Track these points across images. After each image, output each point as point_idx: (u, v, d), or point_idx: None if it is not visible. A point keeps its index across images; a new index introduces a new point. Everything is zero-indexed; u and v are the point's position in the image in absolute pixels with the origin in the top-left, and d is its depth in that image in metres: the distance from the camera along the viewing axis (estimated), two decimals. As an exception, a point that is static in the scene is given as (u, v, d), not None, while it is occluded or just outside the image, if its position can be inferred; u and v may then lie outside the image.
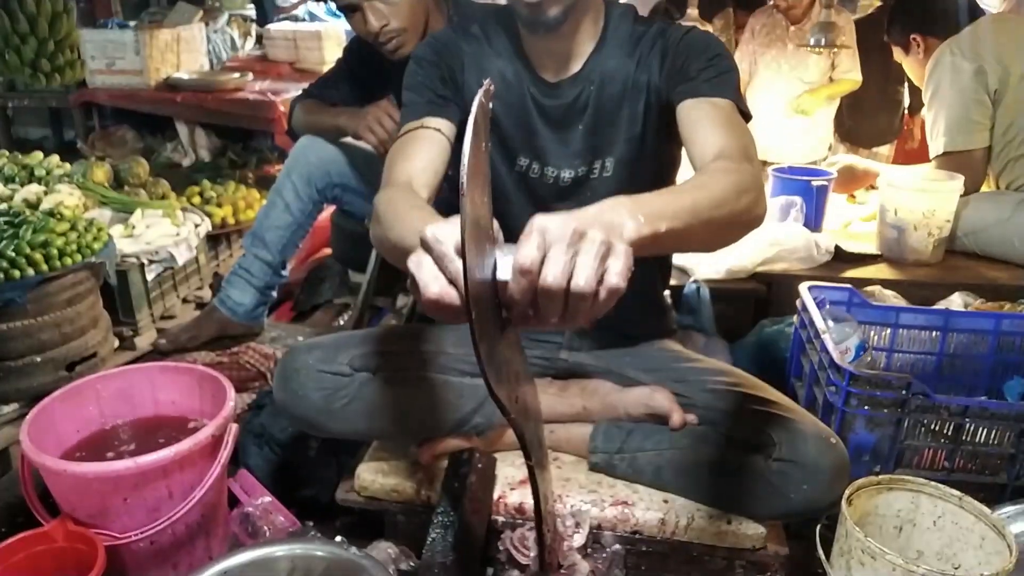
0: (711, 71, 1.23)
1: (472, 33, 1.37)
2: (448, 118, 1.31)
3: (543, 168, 1.36)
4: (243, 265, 2.15)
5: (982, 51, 2.18)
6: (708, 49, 1.26)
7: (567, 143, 1.35)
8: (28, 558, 1.19)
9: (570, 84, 1.32)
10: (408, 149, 1.26)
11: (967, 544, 1.22)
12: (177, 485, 1.23)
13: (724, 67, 1.25)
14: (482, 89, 0.89)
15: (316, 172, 2.06)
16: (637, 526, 1.31)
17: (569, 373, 1.49)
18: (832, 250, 2.16)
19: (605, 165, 1.35)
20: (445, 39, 1.38)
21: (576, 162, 1.35)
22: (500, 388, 0.81)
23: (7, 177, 2.62)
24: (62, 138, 4.40)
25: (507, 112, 1.34)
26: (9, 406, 1.80)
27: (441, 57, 1.35)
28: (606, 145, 1.34)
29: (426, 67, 1.35)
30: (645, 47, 1.31)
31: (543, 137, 1.35)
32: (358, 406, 1.33)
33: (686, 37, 1.28)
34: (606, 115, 1.33)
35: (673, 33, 1.30)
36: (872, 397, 1.41)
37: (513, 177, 1.38)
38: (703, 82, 1.22)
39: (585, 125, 1.34)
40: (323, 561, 1.14)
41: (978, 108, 2.19)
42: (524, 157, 1.37)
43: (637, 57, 1.31)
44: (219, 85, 3.74)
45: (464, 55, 1.35)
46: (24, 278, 1.75)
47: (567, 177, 1.36)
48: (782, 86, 3.63)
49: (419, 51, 1.38)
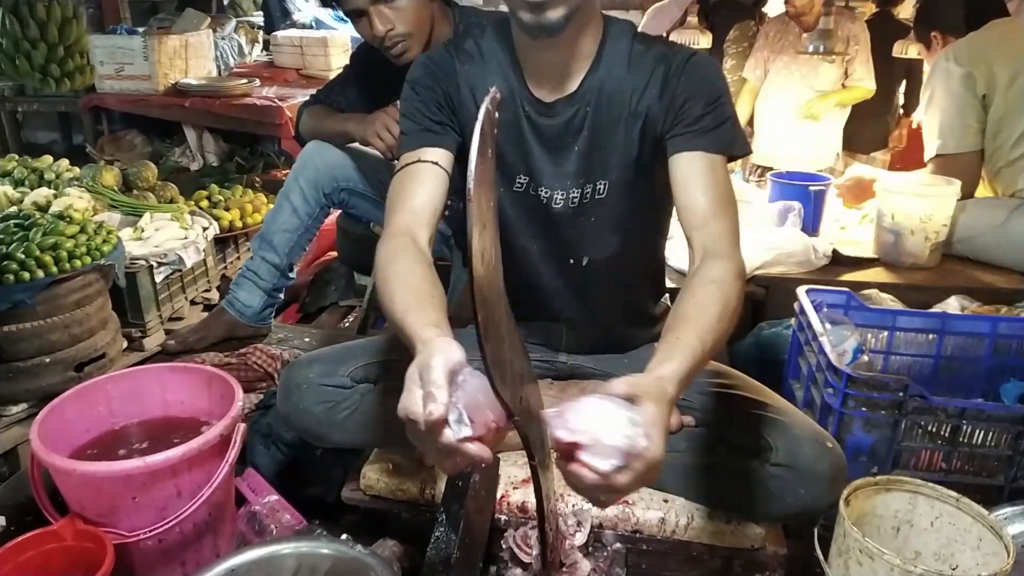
0: (710, 119, 1.23)
1: (467, 50, 1.35)
2: (444, 147, 1.32)
3: (538, 188, 1.35)
4: (251, 267, 2.17)
5: (974, 56, 2.20)
6: (710, 90, 1.24)
7: (560, 164, 1.33)
8: (37, 556, 1.20)
9: (565, 104, 1.30)
10: (407, 188, 1.28)
11: (964, 545, 1.22)
12: (186, 484, 1.25)
13: (724, 113, 1.24)
14: (488, 97, 0.91)
15: (323, 177, 2.08)
16: (637, 525, 1.32)
17: (569, 375, 1.51)
18: (829, 254, 2.17)
19: (598, 188, 1.33)
20: (439, 59, 1.36)
21: (568, 183, 1.33)
22: (504, 388, 0.83)
23: (17, 180, 2.65)
24: (71, 142, 4.44)
25: (502, 131, 1.31)
26: (18, 406, 1.82)
27: (436, 80, 1.34)
28: (600, 168, 1.32)
29: (421, 91, 1.34)
30: (644, 70, 1.28)
31: (536, 157, 1.33)
32: (360, 417, 1.34)
33: (688, 67, 1.25)
34: (601, 138, 1.31)
35: (675, 59, 1.27)
36: (869, 399, 1.42)
37: (513, 196, 1.36)
38: (702, 133, 1.22)
39: (580, 147, 1.31)
40: (329, 559, 1.15)
41: (969, 111, 2.20)
42: (522, 176, 1.35)
43: (635, 80, 1.28)
44: (227, 91, 3.77)
45: (458, 75, 1.34)
46: (34, 280, 1.77)
47: (560, 199, 1.34)
48: (793, 93, 3.60)
49: (413, 74, 1.37)
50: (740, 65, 3.91)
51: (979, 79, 2.18)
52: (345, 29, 4.65)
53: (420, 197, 1.26)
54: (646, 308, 1.54)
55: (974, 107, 2.20)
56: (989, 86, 2.18)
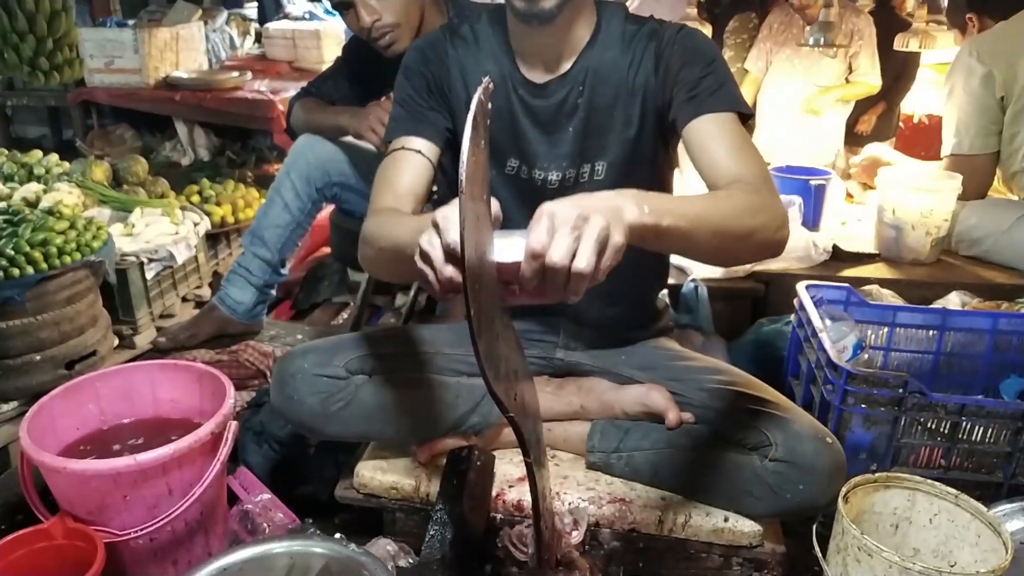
0: (711, 81, 1.23)
1: (460, 35, 1.37)
2: (429, 137, 1.32)
3: (531, 170, 1.35)
4: (242, 264, 2.15)
5: (996, 53, 2.14)
6: (703, 54, 1.26)
7: (556, 145, 1.34)
8: (28, 555, 1.19)
9: (558, 84, 1.31)
10: (390, 174, 1.30)
11: (963, 542, 1.22)
12: (176, 482, 1.24)
13: (722, 74, 1.25)
14: (481, 87, 0.90)
15: (315, 171, 2.06)
16: (635, 523, 1.31)
17: (566, 371, 1.49)
18: (830, 249, 2.17)
19: (596, 168, 1.34)
20: (432, 43, 1.38)
21: (564, 164, 1.34)
22: (498, 384, 0.82)
23: (6, 176, 2.62)
24: (61, 137, 4.41)
25: (494, 115, 1.31)
26: (8, 404, 1.80)
27: (427, 65, 1.36)
28: (598, 148, 1.33)
29: (412, 77, 1.36)
30: (638, 47, 1.30)
31: (531, 139, 1.34)
32: (355, 409, 1.33)
33: (679, 37, 1.28)
34: (598, 117, 1.32)
35: (666, 33, 1.30)
36: (869, 395, 1.41)
37: (504, 179, 1.37)
38: (706, 96, 1.22)
39: (575, 127, 1.32)
40: (322, 558, 1.14)
41: (985, 113, 2.17)
42: (514, 159, 1.36)
43: (630, 57, 1.30)
44: (218, 84, 3.75)
45: (450, 59, 1.36)
46: (23, 276, 1.75)
47: (554, 179, 1.35)
48: (794, 86, 3.56)
49: (407, 59, 1.39)
50: (739, 56, 3.88)
51: (998, 79, 2.13)
52: (338, 21, 4.62)
53: (403, 185, 1.29)
54: (645, 299, 1.53)
55: (992, 109, 2.16)
56: (1008, 87, 2.13)
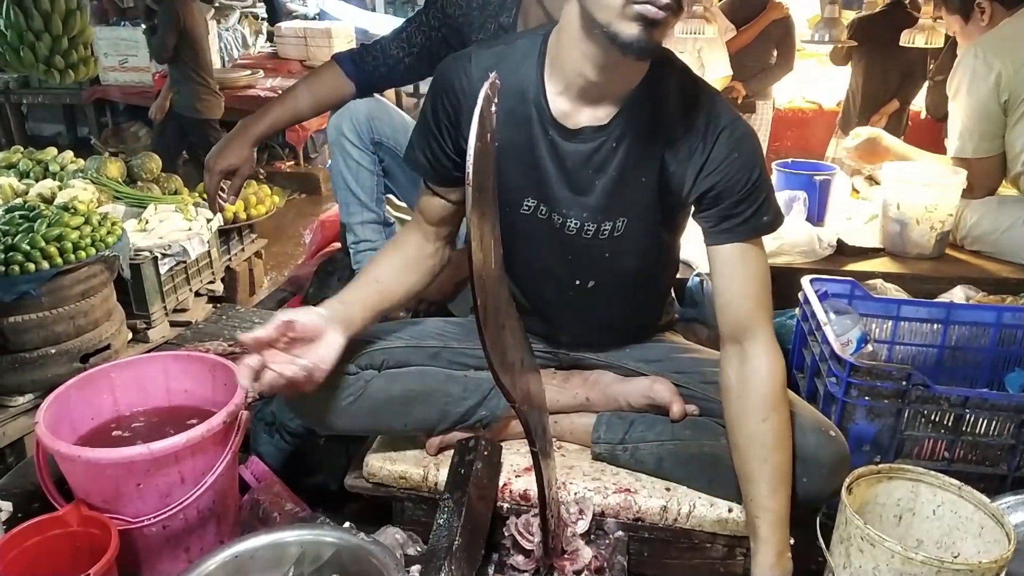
0: (746, 207, 1.21)
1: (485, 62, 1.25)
2: (443, 183, 1.34)
3: (550, 213, 1.30)
4: (360, 237, 1.98)
5: (1002, 52, 2.11)
6: (749, 170, 1.21)
7: (580, 194, 1.27)
8: (43, 542, 1.21)
9: (592, 134, 1.22)
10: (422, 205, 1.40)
11: (966, 533, 1.22)
12: (189, 471, 1.25)
13: (760, 192, 1.22)
14: (487, 83, 0.91)
15: (362, 124, 1.89)
16: (639, 513, 1.32)
17: (571, 364, 1.50)
18: (834, 244, 2.17)
19: (617, 225, 1.29)
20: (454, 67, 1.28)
21: (585, 215, 1.28)
22: (504, 372, 0.84)
23: (22, 172, 2.66)
24: (76, 134, 4.46)
25: (513, 151, 1.24)
26: (24, 396, 1.83)
27: (447, 93, 1.28)
28: (624, 207, 1.28)
29: (428, 112, 1.31)
30: (682, 118, 1.22)
31: (552, 184, 1.27)
32: (364, 404, 1.34)
33: (731, 142, 1.20)
34: (628, 178, 1.25)
35: (720, 126, 1.21)
36: (873, 388, 1.41)
37: (519, 217, 1.31)
38: (739, 224, 1.22)
39: (603, 185, 1.25)
40: (332, 546, 1.15)
41: (991, 117, 2.15)
42: (531, 199, 1.29)
43: (670, 127, 1.22)
44: (230, 82, 3.78)
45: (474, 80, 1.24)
46: (39, 271, 1.78)
47: (573, 226, 1.29)
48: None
49: (435, 76, 1.31)
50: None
51: (1003, 81, 2.09)
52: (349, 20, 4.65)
53: (431, 216, 1.38)
54: (652, 313, 1.52)
55: (996, 113, 2.14)
56: (1012, 90, 2.10)
